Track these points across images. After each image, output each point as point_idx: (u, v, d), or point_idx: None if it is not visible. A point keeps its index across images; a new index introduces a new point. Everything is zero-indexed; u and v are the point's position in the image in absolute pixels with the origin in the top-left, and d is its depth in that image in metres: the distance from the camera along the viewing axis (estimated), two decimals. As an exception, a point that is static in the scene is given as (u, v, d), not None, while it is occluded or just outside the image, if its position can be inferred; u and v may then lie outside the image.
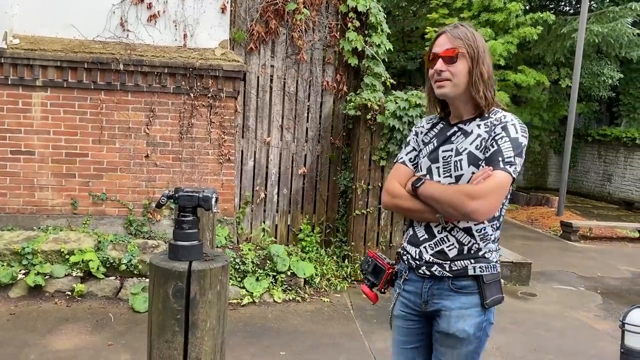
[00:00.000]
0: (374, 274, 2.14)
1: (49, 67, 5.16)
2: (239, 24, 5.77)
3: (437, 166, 1.97)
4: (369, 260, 2.19)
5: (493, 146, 1.87)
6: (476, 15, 11.70)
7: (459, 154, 1.92)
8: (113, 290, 4.88)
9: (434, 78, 1.94)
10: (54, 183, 5.32)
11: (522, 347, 4.41)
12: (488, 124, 1.92)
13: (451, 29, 1.94)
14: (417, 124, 2.19)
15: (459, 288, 1.93)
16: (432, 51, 1.95)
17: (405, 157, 2.11)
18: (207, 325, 1.97)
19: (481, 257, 1.93)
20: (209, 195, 1.95)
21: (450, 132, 2.00)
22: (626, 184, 14.38)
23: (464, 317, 1.92)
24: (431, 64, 1.95)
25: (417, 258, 1.99)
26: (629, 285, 6.65)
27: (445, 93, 1.94)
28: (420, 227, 2.01)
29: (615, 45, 12.21)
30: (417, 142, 2.12)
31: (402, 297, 2.07)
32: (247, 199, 5.92)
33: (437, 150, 1.99)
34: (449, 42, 1.91)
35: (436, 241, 1.95)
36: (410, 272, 2.03)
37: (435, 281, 1.95)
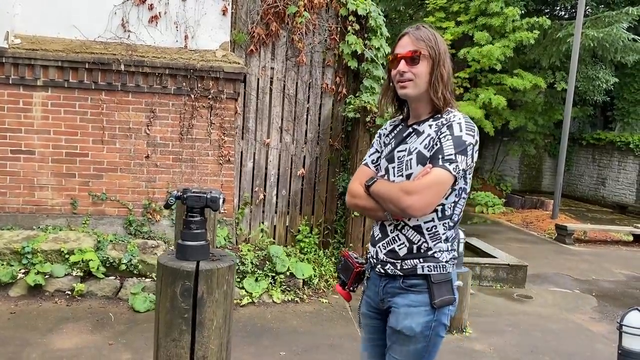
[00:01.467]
0: (345, 273, 2.19)
1: (50, 67, 5.17)
2: (239, 26, 5.80)
3: (392, 166, 2.02)
4: (342, 259, 2.24)
5: (437, 144, 1.90)
6: (473, 19, 11.78)
7: (410, 153, 1.97)
8: (113, 290, 4.89)
9: (397, 79, 1.98)
10: (53, 183, 5.34)
11: (518, 349, 4.45)
12: (439, 124, 1.95)
13: (414, 31, 1.97)
14: (382, 127, 2.24)
15: (409, 286, 1.96)
16: (395, 52, 1.99)
17: (368, 159, 2.18)
18: (214, 325, 2.00)
19: (430, 256, 1.94)
20: (217, 196, 1.99)
21: (406, 133, 2.05)
22: (620, 187, 14.48)
23: (412, 314, 1.94)
24: (394, 65, 1.99)
25: (375, 257, 2.05)
26: (624, 288, 6.71)
27: (407, 93, 1.97)
28: (376, 226, 2.08)
29: (610, 50, 12.31)
30: (379, 144, 2.17)
31: (366, 295, 2.13)
32: (246, 200, 5.95)
33: (393, 151, 2.05)
34: (411, 43, 1.95)
35: (388, 240, 2.00)
36: (372, 271, 2.09)
37: (390, 279, 2.00)
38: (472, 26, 11.76)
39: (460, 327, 4.69)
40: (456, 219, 1.99)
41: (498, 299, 5.85)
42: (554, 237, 9.68)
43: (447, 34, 11.56)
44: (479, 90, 11.95)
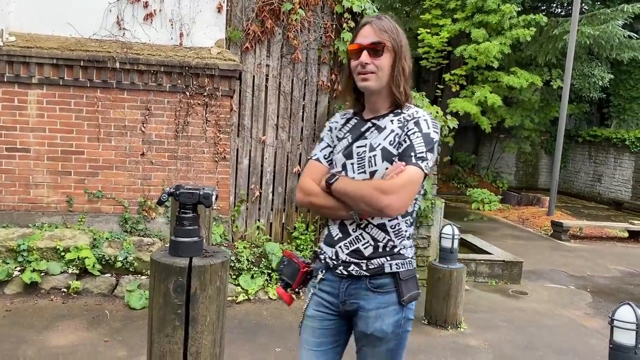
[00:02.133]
0: (289, 274, 2.06)
1: (45, 64, 5.17)
2: (234, 23, 5.80)
3: (351, 162, 1.92)
4: (284, 259, 2.09)
5: (405, 141, 1.85)
6: (470, 17, 11.80)
7: (373, 149, 1.89)
8: (109, 287, 4.90)
9: (357, 70, 1.88)
10: (49, 180, 5.34)
11: (513, 344, 4.48)
12: (401, 119, 1.91)
13: (377, 21, 1.90)
14: (331, 120, 2.11)
15: (376, 287, 1.90)
16: (357, 42, 1.89)
17: (320, 154, 2.05)
18: (207, 320, 2.01)
19: (397, 253, 1.92)
20: (209, 193, 1.99)
21: (365, 128, 1.96)
22: (616, 184, 14.54)
23: (382, 316, 1.89)
24: (355, 56, 1.89)
25: (334, 258, 1.94)
26: (618, 284, 6.75)
27: (368, 86, 1.89)
28: (334, 225, 1.96)
29: (606, 47, 12.35)
30: (331, 138, 2.06)
31: (318, 296, 2.00)
32: (242, 197, 5.96)
33: (351, 146, 1.95)
34: (374, 34, 1.87)
35: (351, 240, 1.91)
36: (327, 272, 1.98)
37: (353, 281, 1.92)
38: (469, 23, 11.77)
39: (455, 323, 4.72)
40: (414, 215, 2.01)
41: (493, 295, 5.87)
42: (549, 233, 9.71)
43: (443, 31, 11.56)
44: (475, 88, 11.98)
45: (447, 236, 4.74)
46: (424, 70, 12.68)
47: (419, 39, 11.71)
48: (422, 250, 5.86)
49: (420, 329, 4.67)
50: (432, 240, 5.83)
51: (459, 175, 15.08)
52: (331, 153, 2.03)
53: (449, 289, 4.69)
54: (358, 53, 1.87)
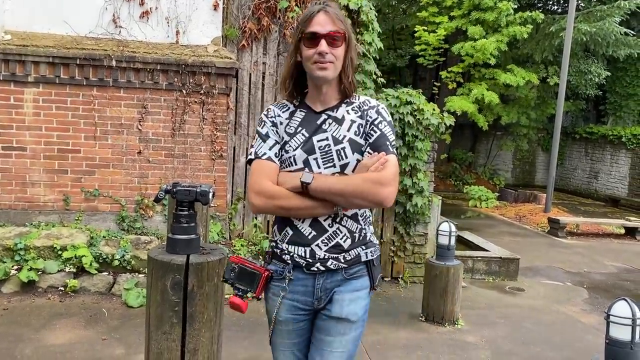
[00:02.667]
0: (244, 280, 1.90)
1: (41, 63, 5.15)
2: (231, 21, 5.79)
3: (314, 157, 1.85)
4: (234, 266, 1.92)
5: (375, 131, 1.85)
6: (466, 14, 11.80)
7: (339, 142, 1.85)
8: (106, 286, 4.90)
9: (314, 59, 1.79)
10: (46, 179, 5.33)
11: (510, 340, 4.49)
12: (356, 109, 1.90)
13: (330, 8, 1.82)
14: (269, 114, 1.95)
15: (350, 275, 1.89)
16: (313, 29, 1.79)
17: (270, 152, 1.89)
18: (205, 317, 2.02)
19: (369, 241, 1.93)
20: (206, 190, 2.00)
21: (320, 121, 1.88)
22: (612, 181, 14.58)
23: (356, 299, 1.90)
24: (310, 44, 1.80)
25: (308, 257, 1.86)
26: (615, 280, 6.77)
27: (327, 76, 1.81)
28: (303, 224, 1.86)
29: (602, 44, 12.37)
30: (278, 134, 1.92)
31: (288, 299, 1.90)
32: (239, 195, 5.96)
33: (310, 141, 1.86)
34: (331, 22, 1.80)
35: (329, 235, 1.85)
36: (296, 272, 1.89)
37: (329, 274, 1.88)
38: (466, 21, 11.78)
39: (452, 320, 4.73)
40: None
41: (490, 291, 5.89)
42: (546, 230, 9.74)
43: (440, 28, 11.58)
44: (472, 85, 11.99)
45: (444, 233, 4.75)
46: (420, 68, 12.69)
47: (416, 36, 11.72)
48: (419, 248, 5.88)
49: (418, 325, 4.69)
50: (429, 238, 5.84)
51: (456, 172, 15.10)
52: (281, 150, 1.90)
53: (446, 285, 4.71)
54: (314, 41, 1.78)
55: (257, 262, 1.94)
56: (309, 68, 1.83)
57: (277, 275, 1.92)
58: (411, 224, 5.80)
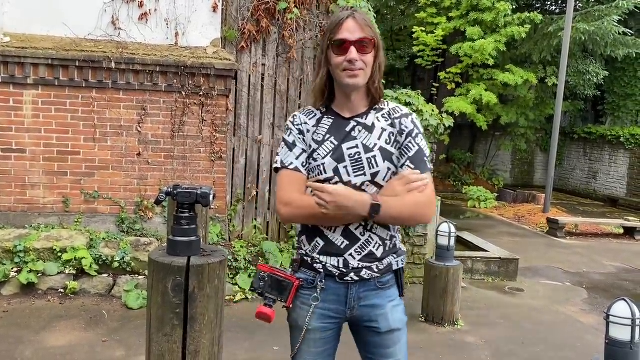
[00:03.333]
0: (275, 290, 1.89)
1: (41, 65, 5.15)
2: (230, 22, 5.80)
3: (344, 165, 1.82)
4: (263, 275, 1.90)
5: (413, 145, 1.84)
6: (465, 15, 11.82)
7: (370, 150, 1.83)
8: (106, 288, 4.90)
9: (343, 67, 1.77)
10: (45, 181, 5.33)
11: (510, 340, 4.50)
12: (386, 116, 1.88)
13: (357, 14, 1.80)
14: (295, 122, 1.92)
15: (383, 284, 1.90)
16: (342, 37, 1.77)
17: (297, 162, 1.88)
18: (206, 319, 2.02)
19: (399, 249, 1.94)
20: (207, 192, 2.00)
21: (349, 128, 1.86)
22: (611, 181, 14.60)
23: (396, 307, 1.92)
24: (340, 51, 1.78)
25: (342, 267, 1.84)
26: (614, 280, 6.79)
27: (358, 83, 1.80)
28: (334, 234, 1.84)
29: (601, 44, 12.39)
30: (305, 143, 1.89)
31: (320, 308, 1.88)
32: (239, 196, 5.96)
33: (339, 149, 1.84)
34: (360, 29, 1.77)
35: (361, 244, 1.84)
36: (328, 281, 1.87)
37: (363, 284, 1.87)
38: (464, 21, 11.80)
39: (452, 320, 4.74)
40: None
41: (490, 292, 5.90)
42: (545, 230, 9.75)
43: (438, 29, 11.59)
44: (470, 86, 12.01)
45: (443, 234, 4.76)
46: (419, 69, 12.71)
47: (414, 37, 11.74)
48: (419, 248, 5.89)
49: (418, 326, 4.69)
50: (429, 238, 5.85)
51: (455, 173, 15.12)
52: (309, 158, 1.88)
53: (445, 286, 4.71)
54: (343, 48, 1.77)
55: (289, 271, 1.93)
56: (339, 76, 1.80)
57: (308, 284, 1.90)
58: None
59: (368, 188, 1.83)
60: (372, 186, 1.84)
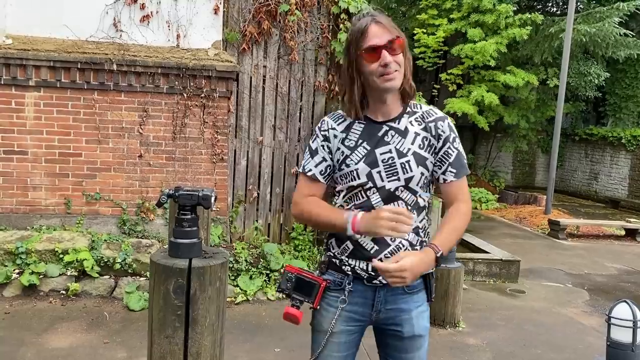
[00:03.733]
0: (302, 291, 1.88)
1: (42, 67, 5.17)
2: (231, 24, 5.81)
3: (377, 171, 1.82)
4: (290, 276, 1.89)
5: (452, 150, 1.86)
6: (466, 16, 11.82)
7: (403, 155, 1.82)
8: (107, 289, 4.90)
9: (379, 72, 1.75)
10: (47, 183, 5.34)
11: (511, 342, 4.50)
12: (419, 119, 1.86)
13: (379, 17, 1.79)
14: (322, 127, 1.92)
15: (411, 289, 1.88)
16: (371, 44, 1.74)
17: (315, 170, 1.90)
18: (207, 321, 2.02)
19: None
20: (208, 194, 2.00)
21: (381, 132, 1.85)
22: (612, 182, 14.58)
23: (422, 314, 1.91)
24: (372, 57, 1.75)
25: (371, 270, 1.83)
26: (615, 282, 6.78)
27: (395, 85, 1.78)
28: (365, 238, 1.83)
29: (602, 45, 12.37)
30: (328, 150, 1.90)
31: (347, 311, 1.88)
32: (240, 198, 5.97)
33: (373, 154, 1.83)
34: (387, 31, 1.76)
35: (392, 249, 1.83)
36: (355, 284, 1.87)
37: (390, 287, 1.84)
38: (465, 23, 11.79)
39: (453, 322, 4.74)
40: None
41: (491, 293, 5.89)
42: (547, 232, 9.74)
43: (439, 31, 11.59)
44: (472, 87, 12.00)
45: (444, 235, 4.75)
46: (420, 70, 12.69)
47: (415, 39, 11.73)
48: (420, 250, 5.87)
49: (419, 328, 4.69)
50: (430, 240, 5.84)
51: (456, 174, 15.08)
52: (328, 167, 1.90)
53: (447, 288, 4.72)
54: (375, 54, 1.74)
55: (316, 273, 1.93)
56: (375, 82, 1.78)
57: (335, 286, 1.90)
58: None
59: (402, 194, 1.83)
60: (406, 191, 1.83)
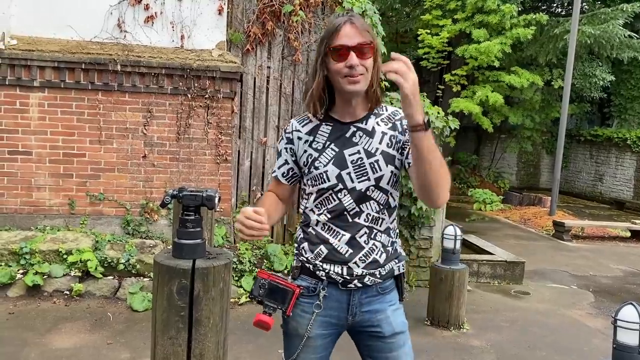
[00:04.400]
0: (275, 297, 1.85)
1: (47, 67, 5.18)
2: (235, 25, 5.81)
3: (347, 172, 1.81)
4: (263, 282, 1.86)
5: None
6: (470, 17, 11.79)
7: (372, 155, 1.81)
8: (111, 290, 4.90)
9: (343, 72, 1.72)
10: (51, 183, 5.35)
11: (516, 344, 4.47)
12: (386, 120, 1.86)
13: (355, 18, 1.76)
14: (287, 129, 1.93)
15: (384, 289, 1.90)
16: (340, 42, 1.72)
17: (278, 172, 1.96)
18: (211, 322, 2.01)
19: (399, 254, 1.93)
20: (212, 195, 2.00)
21: (349, 133, 1.84)
22: (617, 184, 14.52)
23: (397, 311, 1.92)
24: (339, 57, 1.73)
25: (345, 274, 1.83)
26: (621, 284, 6.74)
27: (359, 89, 1.76)
28: (339, 242, 1.83)
29: (607, 47, 12.32)
30: (291, 153, 1.91)
31: (322, 316, 1.87)
32: (244, 198, 5.96)
33: (341, 155, 1.82)
34: (359, 33, 1.73)
35: (366, 252, 1.83)
36: (330, 288, 1.87)
37: (364, 290, 1.86)
38: (469, 24, 11.76)
39: (457, 324, 4.71)
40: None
41: (495, 295, 5.87)
42: (551, 233, 9.70)
43: (443, 31, 11.57)
44: (476, 88, 11.97)
45: (449, 237, 4.74)
46: (424, 71, 12.67)
47: (419, 39, 11.72)
48: (424, 251, 5.86)
49: (423, 329, 4.67)
50: (434, 241, 5.83)
51: (460, 175, 15.07)
52: (290, 170, 1.94)
53: (451, 289, 4.69)
54: (342, 54, 1.72)
55: (288, 279, 1.91)
56: (339, 82, 1.76)
57: (308, 292, 1.89)
58: (416, 227, 5.79)
59: (373, 193, 1.82)
60: (377, 191, 1.83)
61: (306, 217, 1.94)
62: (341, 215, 1.83)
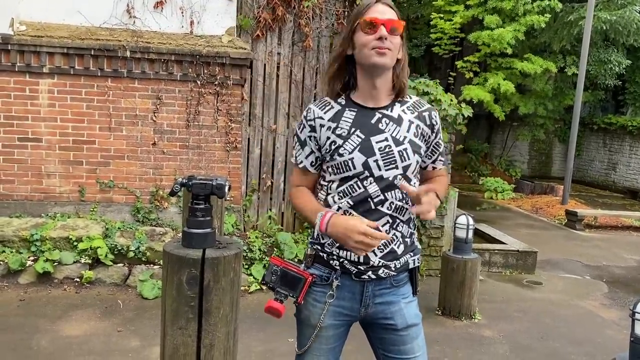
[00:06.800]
0: (287, 284, 1.83)
1: (56, 54, 5.15)
2: (245, 11, 5.73)
3: (374, 159, 1.77)
4: (276, 269, 1.85)
5: (441, 140, 1.93)
6: (483, 3, 11.61)
7: (400, 143, 1.79)
8: (121, 277, 4.90)
9: (372, 45, 1.71)
10: (61, 170, 5.34)
11: (529, 335, 4.43)
12: (411, 108, 1.85)
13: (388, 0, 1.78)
14: (308, 116, 1.85)
15: (397, 282, 1.88)
16: (373, 16, 1.72)
17: (306, 161, 1.89)
18: (221, 312, 1.98)
19: (415, 247, 1.91)
20: (222, 183, 1.95)
21: (374, 120, 1.80)
22: (631, 172, 14.32)
23: (410, 303, 1.90)
24: (369, 29, 1.71)
25: (362, 263, 1.80)
26: (635, 274, 6.65)
27: (386, 63, 1.73)
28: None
29: (623, 33, 12.09)
30: (316, 141, 1.84)
31: (335, 306, 1.85)
32: (254, 186, 5.93)
33: (368, 142, 1.78)
34: (391, 12, 1.75)
35: (384, 241, 1.79)
36: (343, 278, 1.84)
37: (378, 282, 1.84)
38: (482, 9, 11.58)
39: (469, 314, 4.67)
40: None
41: (507, 285, 5.81)
42: (564, 222, 9.60)
43: (456, 17, 11.40)
44: (488, 75, 11.82)
45: (461, 226, 4.68)
46: (436, 58, 12.53)
47: (432, 24, 11.57)
48: (436, 240, 5.81)
49: (435, 319, 4.63)
50: (446, 230, 5.77)
51: (471, 163, 14.94)
52: (317, 158, 1.88)
53: (463, 279, 4.64)
54: (374, 27, 1.71)
55: (301, 267, 1.87)
56: (365, 55, 1.73)
57: (321, 281, 1.86)
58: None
59: (401, 182, 1.80)
60: (403, 180, 1.81)
61: (325, 203, 1.90)
62: (364, 202, 1.80)
